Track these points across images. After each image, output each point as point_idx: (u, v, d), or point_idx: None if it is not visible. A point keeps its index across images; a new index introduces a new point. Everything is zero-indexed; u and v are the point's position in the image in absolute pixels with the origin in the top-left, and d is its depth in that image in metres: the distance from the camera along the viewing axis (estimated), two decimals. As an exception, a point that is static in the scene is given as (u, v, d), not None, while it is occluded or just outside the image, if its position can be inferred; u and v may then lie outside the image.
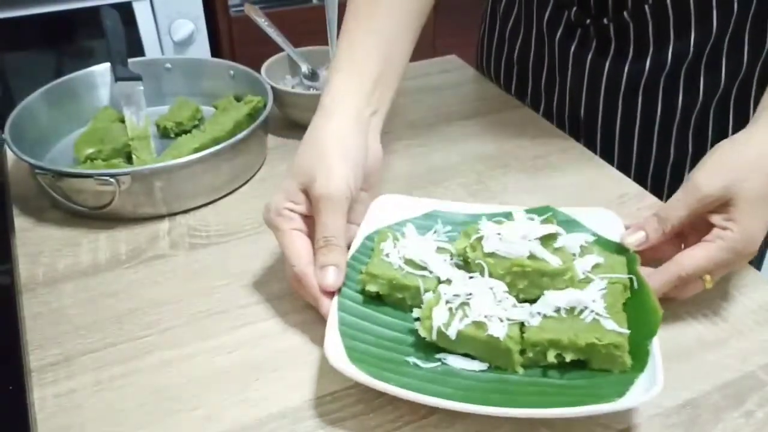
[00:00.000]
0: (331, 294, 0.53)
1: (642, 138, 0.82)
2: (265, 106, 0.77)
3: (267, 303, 0.59)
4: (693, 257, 0.53)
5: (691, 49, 0.75)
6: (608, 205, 0.70)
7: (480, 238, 0.53)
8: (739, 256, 0.53)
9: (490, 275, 0.52)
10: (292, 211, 0.55)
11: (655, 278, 0.54)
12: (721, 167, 0.54)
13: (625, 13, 0.76)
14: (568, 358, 0.48)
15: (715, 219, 0.53)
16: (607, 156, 0.83)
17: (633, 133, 0.82)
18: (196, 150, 0.71)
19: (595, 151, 0.82)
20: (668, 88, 0.78)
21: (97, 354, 0.54)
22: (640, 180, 0.81)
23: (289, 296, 0.59)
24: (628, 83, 0.79)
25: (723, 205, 0.53)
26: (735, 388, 0.51)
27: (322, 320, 0.56)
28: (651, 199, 0.72)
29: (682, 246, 0.57)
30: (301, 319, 0.57)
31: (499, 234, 0.53)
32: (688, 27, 0.74)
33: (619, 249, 0.56)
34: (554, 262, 0.51)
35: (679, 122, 0.80)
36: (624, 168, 0.80)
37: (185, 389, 0.51)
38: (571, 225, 0.59)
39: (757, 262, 0.88)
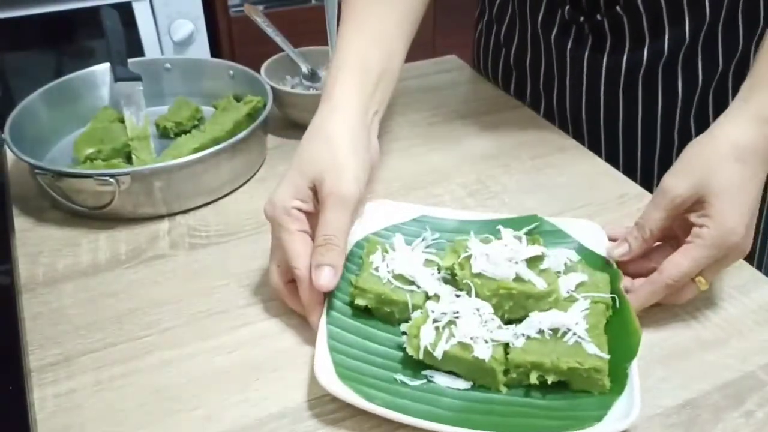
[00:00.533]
0: (321, 303, 0.53)
1: (645, 129, 0.82)
2: (264, 106, 0.77)
3: (267, 303, 0.59)
4: (676, 264, 0.53)
5: (687, 35, 0.75)
6: (608, 204, 0.71)
7: (468, 257, 0.54)
8: (722, 249, 0.53)
9: (477, 295, 0.52)
10: (299, 210, 0.54)
11: (643, 289, 0.54)
12: (688, 167, 0.54)
13: (617, 8, 0.76)
14: (550, 380, 0.49)
15: (693, 218, 0.54)
16: (611, 150, 0.83)
17: (636, 124, 0.82)
18: (196, 150, 0.71)
19: (599, 148, 0.82)
20: (667, 76, 0.78)
21: (97, 354, 0.54)
22: (647, 172, 0.81)
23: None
24: (627, 75, 0.80)
25: (697, 202, 0.53)
26: (735, 388, 0.51)
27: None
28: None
29: None
30: (301, 320, 0.57)
31: (486, 254, 0.54)
32: (681, 15, 0.74)
33: (603, 265, 0.57)
34: (540, 284, 0.52)
35: (681, 108, 0.80)
36: (629, 161, 0.80)
37: (185, 389, 0.51)
38: (556, 235, 0.60)
39: (758, 263, 0.88)
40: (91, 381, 0.52)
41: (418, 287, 0.55)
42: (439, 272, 0.57)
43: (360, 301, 0.54)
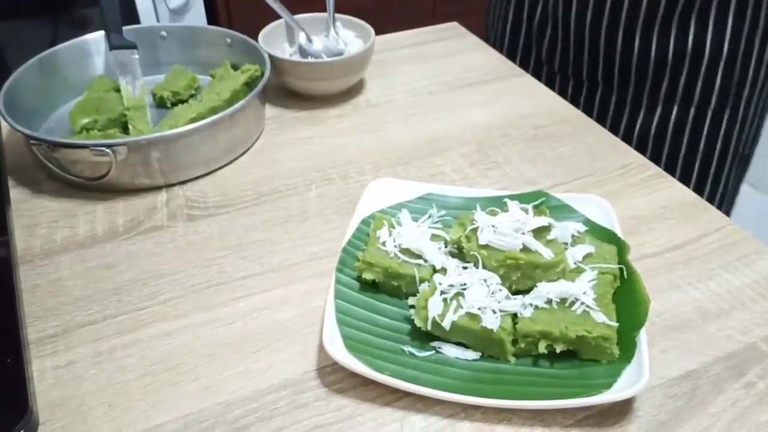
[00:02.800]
0: None
1: (656, 69, 0.84)
2: (262, 74, 0.76)
3: (267, 274, 0.59)
4: None
5: None
6: (611, 175, 0.70)
7: (475, 230, 0.54)
8: None
9: (484, 267, 0.52)
10: None
11: None
12: None
13: None
14: (559, 349, 0.49)
15: None
16: (622, 90, 0.86)
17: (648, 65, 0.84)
18: (193, 120, 0.70)
19: (611, 88, 0.85)
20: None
21: (96, 326, 0.54)
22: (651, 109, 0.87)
23: (288, 267, 0.59)
24: (646, 14, 0.80)
25: None
26: (736, 359, 0.51)
27: (322, 292, 0.56)
28: (654, 169, 0.71)
29: None
30: (301, 291, 0.57)
31: (493, 226, 0.53)
32: None
33: (611, 238, 0.57)
34: (547, 254, 0.52)
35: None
36: (636, 100, 0.85)
37: (185, 361, 0.51)
38: (563, 210, 0.60)
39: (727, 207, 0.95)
40: (90, 353, 0.52)
41: (426, 261, 0.55)
42: (445, 246, 0.56)
43: (367, 276, 0.54)
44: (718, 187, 0.93)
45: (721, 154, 0.90)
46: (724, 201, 0.95)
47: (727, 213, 0.97)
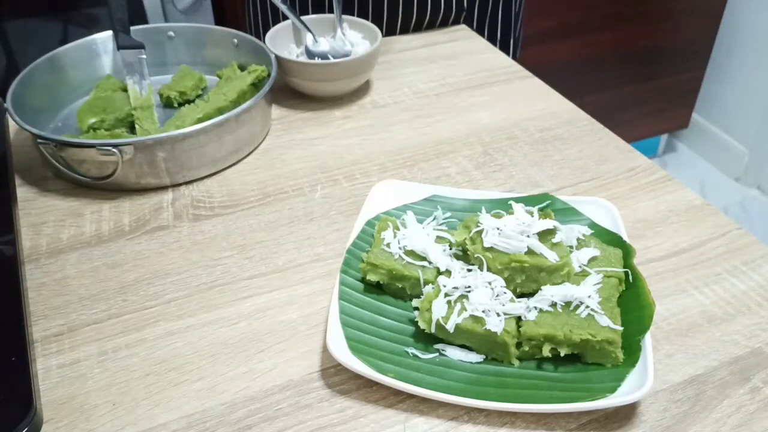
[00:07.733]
0: None
1: None
2: (269, 75, 0.76)
3: (271, 275, 0.59)
4: None
5: None
6: (617, 178, 0.70)
7: (480, 232, 0.54)
8: None
9: (489, 269, 0.52)
10: None
11: None
12: None
13: None
14: (563, 352, 0.49)
15: None
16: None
17: None
18: (200, 120, 0.70)
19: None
20: None
21: (101, 325, 0.54)
22: None
23: (293, 268, 0.59)
24: None
25: None
26: (742, 364, 0.50)
27: (326, 293, 0.56)
28: (661, 173, 0.71)
29: None
30: (306, 291, 0.57)
31: (498, 228, 0.53)
32: None
33: (616, 242, 0.56)
34: (552, 257, 0.52)
35: None
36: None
37: (189, 360, 0.51)
38: (569, 213, 0.60)
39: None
40: (95, 352, 0.52)
41: (430, 263, 0.55)
42: (450, 249, 0.56)
43: (371, 277, 0.54)
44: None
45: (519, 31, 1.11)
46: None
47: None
